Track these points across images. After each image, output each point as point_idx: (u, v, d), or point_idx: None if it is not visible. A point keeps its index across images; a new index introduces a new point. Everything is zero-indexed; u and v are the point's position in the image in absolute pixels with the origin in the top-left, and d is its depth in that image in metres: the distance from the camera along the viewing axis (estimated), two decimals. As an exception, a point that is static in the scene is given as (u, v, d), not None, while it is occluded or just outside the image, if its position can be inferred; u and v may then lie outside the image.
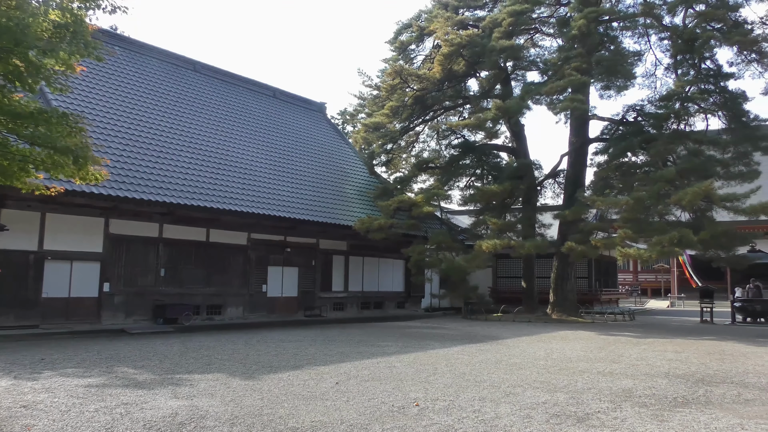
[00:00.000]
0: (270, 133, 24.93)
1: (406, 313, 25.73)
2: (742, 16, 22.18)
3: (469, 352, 12.58)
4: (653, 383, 8.84)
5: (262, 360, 10.79)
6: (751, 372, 10.13)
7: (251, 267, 20.26)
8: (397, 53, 29.06)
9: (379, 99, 28.40)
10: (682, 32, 21.70)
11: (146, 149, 18.17)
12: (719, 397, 7.86)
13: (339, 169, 26.55)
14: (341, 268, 23.83)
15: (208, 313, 18.81)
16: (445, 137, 28.87)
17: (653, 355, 12.45)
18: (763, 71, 22.28)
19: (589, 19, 21.43)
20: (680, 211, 20.87)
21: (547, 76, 23.87)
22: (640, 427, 6.16)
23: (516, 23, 23.87)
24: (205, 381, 8.45)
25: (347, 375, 9.19)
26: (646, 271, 48.55)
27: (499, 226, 22.28)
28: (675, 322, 23.82)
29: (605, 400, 7.52)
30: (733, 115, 21.65)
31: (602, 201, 20.70)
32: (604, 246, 20.90)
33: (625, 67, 22.67)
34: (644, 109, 23.55)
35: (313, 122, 28.98)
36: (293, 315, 21.20)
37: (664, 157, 21.40)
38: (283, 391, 7.83)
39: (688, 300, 38.61)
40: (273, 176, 21.95)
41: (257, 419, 6.28)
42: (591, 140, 25.34)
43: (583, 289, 28.35)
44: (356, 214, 23.07)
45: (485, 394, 7.82)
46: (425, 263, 23.49)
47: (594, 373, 9.78)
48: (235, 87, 26.06)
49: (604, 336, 16.72)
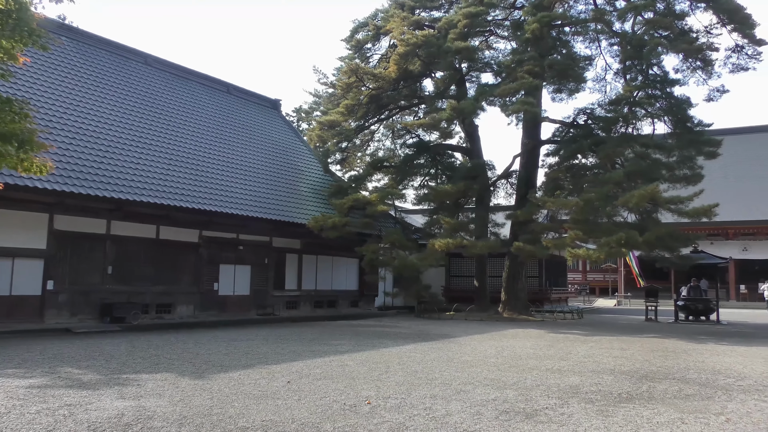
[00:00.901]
0: (223, 129, 24.57)
1: (359, 311, 25.74)
2: (688, 25, 22.87)
3: (422, 350, 12.66)
4: (599, 380, 9.06)
5: (212, 359, 10.63)
6: (692, 368, 10.48)
7: (203, 265, 19.94)
8: (353, 52, 29.02)
9: (334, 97, 28.33)
10: (631, 39, 22.27)
11: (94, 143, 17.67)
12: (661, 392, 8.10)
13: (293, 166, 26.36)
14: (295, 266, 23.67)
15: (157, 312, 18.43)
16: (400, 136, 29.01)
17: (600, 352, 12.75)
18: (706, 78, 23.03)
19: (542, 23, 21.79)
20: (627, 212, 21.42)
21: (500, 78, 24.19)
22: (586, 422, 6.30)
23: (471, 25, 24.10)
24: (153, 381, 8.27)
25: (299, 374, 9.13)
26: (595, 270, 49.74)
27: (452, 226, 22.47)
28: (621, 321, 24.47)
29: (553, 396, 7.67)
30: (678, 120, 22.31)
31: (553, 202, 21.10)
32: (555, 246, 21.32)
33: (576, 71, 23.12)
34: (594, 113, 24.07)
35: (267, 119, 28.70)
36: (245, 314, 20.95)
37: (613, 159, 21.92)
38: (234, 390, 7.73)
39: (634, 299, 39.76)
40: (226, 173, 21.65)
41: (206, 419, 6.18)
42: (543, 142, 25.80)
43: (534, 288, 28.89)
44: (310, 212, 22.95)
45: (437, 391, 7.87)
46: (379, 262, 23.53)
47: (543, 370, 9.97)
48: (188, 81, 25.60)
49: (553, 334, 17.05)
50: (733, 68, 23.09)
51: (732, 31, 22.48)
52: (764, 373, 10.03)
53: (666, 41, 21.71)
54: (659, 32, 22.26)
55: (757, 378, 9.46)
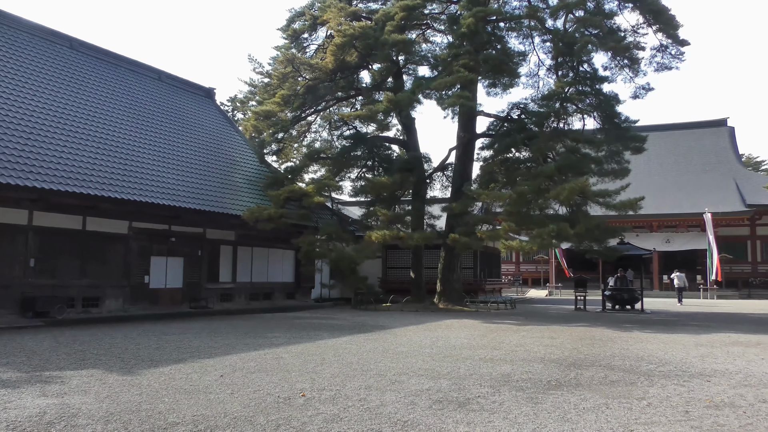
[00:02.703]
0: (154, 117, 23.83)
1: (295, 303, 25.55)
2: (616, 24, 23.67)
3: (357, 341, 12.67)
4: (530, 368, 9.29)
5: (142, 354, 10.33)
6: (617, 355, 10.88)
7: (132, 257, 19.32)
8: (290, 41, 28.65)
9: (270, 87, 27.90)
10: (563, 36, 22.88)
11: (14, 130, 16.78)
12: (588, 379, 8.38)
13: (228, 157, 25.86)
14: (229, 258, 23.27)
15: (84, 306, 17.75)
16: (337, 128, 28.88)
17: (531, 341, 13.08)
18: (633, 76, 23.95)
19: (478, 18, 22.09)
20: (559, 205, 22.04)
21: (437, 72, 24.41)
22: (516, 409, 6.45)
23: (408, 18, 24.19)
24: (79, 377, 7.97)
25: (233, 367, 8.99)
26: (527, 262, 51.02)
27: (388, 218, 22.59)
28: (552, 310, 25.19)
29: (485, 385, 7.81)
30: (606, 116, 23.07)
31: (487, 194, 21.49)
32: (489, 238, 21.75)
33: (510, 66, 23.57)
34: (528, 108, 24.59)
35: (201, 108, 28.03)
36: (178, 307, 20.46)
37: (545, 153, 22.50)
38: (164, 385, 7.53)
39: (565, 289, 41.05)
40: (157, 162, 21.02)
41: (134, 415, 5.99)
42: (478, 135, 26.19)
43: (469, 279, 29.36)
44: (245, 204, 22.59)
45: (371, 382, 7.90)
46: (315, 254, 23.42)
47: (476, 359, 10.14)
48: (117, 67, 24.67)
49: (486, 324, 17.39)
50: (658, 67, 24.12)
51: (657, 31, 23.43)
52: (684, 359, 10.52)
53: (596, 39, 22.40)
54: (589, 30, 22.95)
55: (677, 364, 9.91)
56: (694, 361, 10.19)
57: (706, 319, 20.45)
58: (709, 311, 24.87)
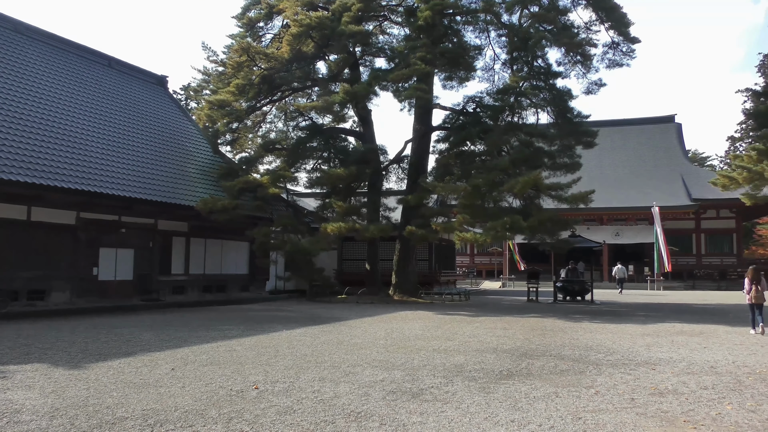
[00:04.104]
0: (104, 105, 23.16)
1: (250, 296, 25.28)
2: (570, 20, 24.05)
3: (312, 333, 12.63)
4: (482, 358, 9.42)
5: (90, 348, 10.08)
6: (567, 345, 11.13)
7: (81, 249, 18.78)
8: (245, 30, 28.22)
9: (224, 76, 27.44)
10: (518, 31, 23.14)
11: (-45, 116, 16.13)
12: (539, 368, 8.55)
13: (181, 147, 25.35)
14: (182, 250, 22.85)
15: (29, 299, 17.18)
16: (292, 119, 28.58)
17: (484, 332, 13.27)
18: (585, 72, 24.40)
19: (434, 11, 22.15)
20: (512, 198, 22.33)
21: (394, 64, 24.37)
22: (469, 399, 6.53)
23: (365, 9, 24.10)
24: (22, 372, 7.73)
25: (184, 360, 8.85)
26: (482, 254, 51.62)
27: (344, 210, 22.53)
28: (505, 302, 25.57)
29: (439, 375, 7.89)
30: (559, 111, 23.43)
31: (443, 187, 21.64)
32: (444, 230, 21.89)
33: (466, 59, 23.71)
34: (483, 101, 24.80)
35: (153, 96, 27.37)
36: (128, 300, 20.00)
37: (500, 147, 22.74)
38: (113, 379, 7.37)
39: (518, 281, 41.72)
40: (107, 151, 20.46)
41: (81, 410, 5.85)
42: (434, 128, 26.31)
43: (424, 271, 29.58)
44: (199, 194, 22.20)
45: (325, 374, 7.89)
46: (270, 245, 23.21)
47: (430, 350, 10.23)
48: (65, 53, 23.86)
49: (441, 315, 17.55)
50: (609, 64, 24.62)
51: (609, 28, 23.92)
52: (630, 348, 10.82)
53: (550, 35, 22.73)
54: (544, 26, 23.27)
55: (624, 353, 10.19)
56: (640, 350, 10.49)
57: (652, 309, 21.07)
58: (656, 302, 25.63)
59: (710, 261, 44.23)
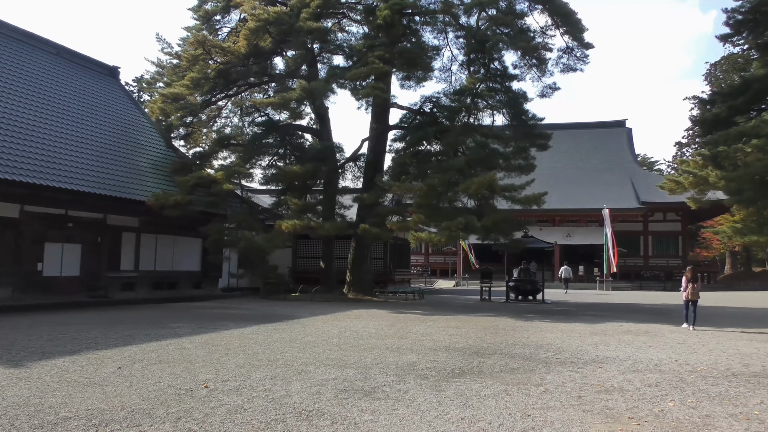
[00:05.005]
0: (52, 95, 22.44)
1: (202, 293, 24.89)
2: (526, 24, 24.38)
3: (265, 331, 12.51)
4: (435, 357, 9.48)
5: (32, 345, 9.76)
6: (518, 344, 11.30)
7: (24, 243, 18.18)
8: (201, 22, 27.73)
9: (179, 69, 26.91)
10: (476, 33, 23.38)
11: None
12: (490, 367, 8.65)
13: (133, 140, 24.75)
14: (132, 245, 22.35)
15: (-32, 295, 16.58)
16: (248, 114, 28.23)
17: (437, 330, 13.36)
18: (541, 76, 24.79)
19: (394, 10, 22.19)
20: (467, 198, 22.56)
21: (352, 62, 24.32)
22: (420, 397, 6.57)
23: (324, 5, 23.96)
24: (-41, 370, 7.44)
25: (132, 359, 8.65)
26: (436, 253, 52.04)
27: (299, 207, 22.39)
28: (459, 301, 25.82)
29: (391, 374, 7.91)
30: (515, 113, 23.76)
31: (398, 186, 21.69)
32: (399, 229, 21.99)
33: (424, 60, 23.81)
34: (440, 102, 24.91)
35: (103, 87, 26.65)
36: (75, 296, 19.42)
37: (456, 147, 22.93)
38: (56, 378, 7.15)
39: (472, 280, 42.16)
40: (54, 143, 19.82)
41: (22, 410, 5.66)
42: (391, 127, 26.34)
43: (379, 270, 29.63)
44: (151, 189, 21.72)
45: (277, 372, 7.82)
46: (224, 242, 22.90)
47: (383, 349, 10.25)
48: (8, 39, 23.00)
49: (395, 314, 17.60)
50: (563, 68, 25.08)
51: (564, 33, 24.36)
52: (579, 347, 11.06)
53: (507, 38, 23.03)
54: (501, 29, 23.56)
55: (572, 351, 10.40)
56: (588, 349, 10.73)
57: (601, 309, 21.57)
58: (605, 302, 26.25)
59: (657, 262, 45.60)
